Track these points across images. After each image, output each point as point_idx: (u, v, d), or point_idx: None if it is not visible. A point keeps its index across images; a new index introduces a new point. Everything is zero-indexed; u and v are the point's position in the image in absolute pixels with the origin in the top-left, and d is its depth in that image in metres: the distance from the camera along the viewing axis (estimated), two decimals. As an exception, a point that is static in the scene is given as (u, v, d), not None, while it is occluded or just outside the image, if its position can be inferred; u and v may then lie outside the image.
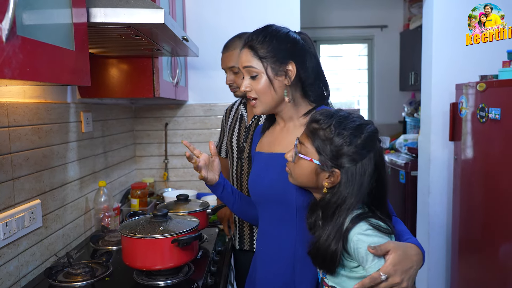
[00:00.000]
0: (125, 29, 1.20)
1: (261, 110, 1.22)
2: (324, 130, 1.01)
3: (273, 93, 1.19)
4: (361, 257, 0.95)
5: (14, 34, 0.71)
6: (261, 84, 1.18)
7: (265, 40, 1.18)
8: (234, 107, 1.93)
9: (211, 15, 2.52)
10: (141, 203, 2.15)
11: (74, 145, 1.69)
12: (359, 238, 0.95)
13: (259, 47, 1.18)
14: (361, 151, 0.99)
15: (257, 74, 1.18)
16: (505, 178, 2.02)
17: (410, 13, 4.49)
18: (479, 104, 2.21)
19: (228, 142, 1.85)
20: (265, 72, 1.17)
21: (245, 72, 1.20)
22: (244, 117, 1.81)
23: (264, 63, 1.17)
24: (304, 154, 1.03)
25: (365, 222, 0.97)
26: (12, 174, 1.27)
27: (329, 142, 1.00)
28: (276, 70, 1.17)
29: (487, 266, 2.17)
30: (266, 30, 1.20)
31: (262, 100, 1.20)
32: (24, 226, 1.31)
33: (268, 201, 1.23)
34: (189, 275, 1.34)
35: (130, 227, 1.28)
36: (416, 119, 4.09)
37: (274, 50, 1.17)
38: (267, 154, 1.27)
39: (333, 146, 0.99)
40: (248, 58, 1.18)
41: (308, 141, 1.03)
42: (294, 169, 1.07)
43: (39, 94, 1.44)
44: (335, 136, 0.99)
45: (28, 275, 1.36)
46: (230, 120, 1.89)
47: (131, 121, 2.53)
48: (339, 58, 5.27)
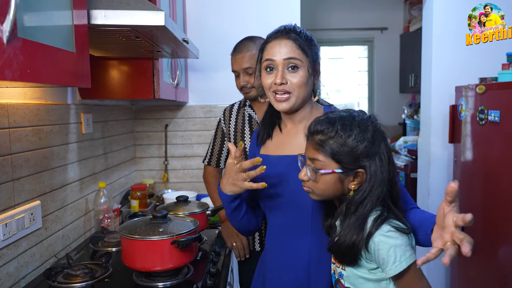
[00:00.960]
0: (126, 31, 1.20)
1: (290, 105, 1.17)
2: (334, 138, 0.99)
3: (308, 89, 1.19)
4: (381, 258, 0.94)
5: (15, 36, 0.71)
6: (301, 76, 1.16)
7: (306, 37, 1.19)
8: (233, 110, 1.86)
9: (212, 17, 2.52)
10: (141, 204, 2.15)
11: (74, 146, 1.69)
12: (380, 240, 0.94)
13: (302, 42, 1.17)
14: (374, 143, 1.00)
15: (298, 67, 1.16)
16: (505, 180, 2.02)
17: (410, 15, 4.50)
18: (478, 106, 2.22)
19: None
20: (307, 65, 1.17)
21: (284, 63, 1.16)
22: (253, 118, 1.79)
23: (308, 57, 1.17)
24: (322, 168, 1.00)
25: (386, 224, 0.96)
26: (12, 175, 1.28)
27: (343, 147, 0.99)
28: (311, 68, 1.19)
29: (487, 267, 2.17)
30: (299, 28, 1.21)
31: (297, 93, 1.16)
32: (24, 227, 1.31)
33: (280, 205, 1.21)
34: (189, 276, 1.34)
35: (129, 228, 1.29)
36: (416, 121, 4.09)
37: (312, 48, 1.19)
38: (275, 157, 1.24)
39: (348, 150, 0.99)
40: (293, 49, 1.16)
41: (321, 154, 1.01)
42: (316, 187, 1.03)
43: (39, 95, 1.45)
44: (347, 140, 0.99)
45: (28, 276, 1.36)
46: (233, 124, 1.83)
47: (131, 122, 2.53)
48: (339, 60, 5.28)
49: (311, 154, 1.02)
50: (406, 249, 0.94)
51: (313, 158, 1.02)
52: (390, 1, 4.71)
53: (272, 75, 1.17)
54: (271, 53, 1.17)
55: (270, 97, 1.20)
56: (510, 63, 2.14)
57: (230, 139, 1.84)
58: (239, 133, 1.81)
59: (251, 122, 1.79)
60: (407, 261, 0.93)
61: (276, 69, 1.16)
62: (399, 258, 0.93)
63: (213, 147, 1.90)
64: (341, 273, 1.05)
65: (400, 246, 0.94)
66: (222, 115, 1.90)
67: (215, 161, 1.90)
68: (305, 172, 1.04)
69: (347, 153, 0.99)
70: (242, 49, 1.74)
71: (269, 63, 1.18)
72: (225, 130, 1.87)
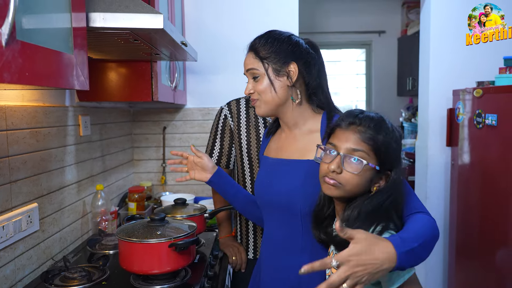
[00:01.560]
0: (124, 34, 1.20)
1: (263, 111, 1.24)
2: (382, 134, 0.97)
3: (274, 93, 1.21)
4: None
5: (13, 38, 0.71)
6: (262, 84, 1.21)
7: (266, 42, 1.22)
8: (241, 105, 1.72)
9: (210, 20, 2.53)
10: (139, 207, 2.15)
11: (72, 149, 1.69)
12: None
13: (261, 49, 1.22)
14: (401, 149, 1.02)
15: (258, 76, 1.21)
16: (502, 183, 2.03)
17: (407, 18, 4.52)
18: (476, 110, 2.22)
19: (248, 152, 1.67)
20: (266, 73, 1.20)
21: (248, 75, 1.24)
22: (268, 120, 1.71)
23: (265, 64, 1.21)
24: (364, 160, 0.96)
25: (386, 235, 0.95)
26: (10, 178, 1.27)
27: (390, 145, 0.98)
28: (277, 71, 1.20)
29: (484, 270, 2.18)
30: (268, 33, 1.25)
31: (263, 99, 1.22)
32: (21, 229, 1.30)
33: (273, 207, 1.24)
34: (186, 279, 1.33)
35: (127, 231, 1.28)
36: (413, 124, 4.10)
37: (276, 51, 1.21)
38: (273, 159, 1.28)
39: (391, 149, 0.98)
40: (251, 61, 1.23)
41: (367, 146, 0.97)
42: (350, 180, 0.97)
43: (37, 97, 1.45)
44: (393, 138, 0.99)
45: (25, 279, 1.35)
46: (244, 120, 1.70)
47: (129, 124, 2.53)
48: (337, 63, 5.29)
49: (355, 144, 0.97)
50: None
51: (356, 148, 0.97)
52: (388, 5, 4.73)
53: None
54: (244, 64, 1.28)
55: None
56: (507, 67, 2.15)
57: (242, 140, 1.69)
58: (253, 137, 1.66)
59: (266, 125, 1.67)
60: (408, 272, 0.92)
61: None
62: (399, 271, 0.91)
63: (222, 146, 1.73)
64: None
65: None
66: (227, 110, 1.71)
67: (225, 162, 1.73)
68: (339, 163, 0.98)
69: (389, 152, 0.98)
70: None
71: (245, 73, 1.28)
72: (233, 127, 1.70)
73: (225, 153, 1.72)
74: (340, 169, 0.97)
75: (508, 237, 1.98)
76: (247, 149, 1.65)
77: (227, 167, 1.75)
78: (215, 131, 1.75)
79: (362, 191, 1.00)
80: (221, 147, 1.73)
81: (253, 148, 1.66)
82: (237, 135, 1.69)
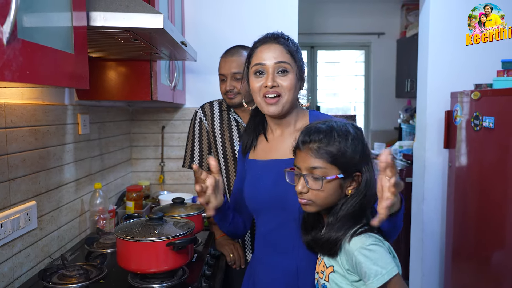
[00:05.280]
0: (124, 33, 1.20)
1: (280, 109, 1.19)
2: (333, 144, 1.01)
3: (296, 93, 1.21)
4: (363, 272, 0.95)
5: (15, 37, 0.71)
6: (291, 79, 1.18)
7: (288, 40, 1.22)
8: (214, 110, 1.79)
9: (210, 19, 2.53)
10: (137, 205, 2.15)
11: (70, 147, 1.69)
12: (361, 253, 0.95)
13: (290, 46, 1.20)
14: (364, 147, 1.04)
15: (288, 71, 1.18)
16: (498, 186, 2.04)
17: (407, 21, 4.53)
18: (473, 112, 2.23)
19: (224, 153, 1.75)
20: (295, 70, 1.19)
21: (274, 67, 1.17)
22: (240, 123, 1.77)
23: (296, 62, 1.20)
24: (325, 176, 1.01)
25: (367, 236, 0.97)
26: (8, 175, 1.27)
27: (344, 151, 1.01)
28: (299, 73, 1.22)
29: (480, 272, 2.19)
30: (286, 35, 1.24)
31: (286, 97, 1.18)
32: (19, 227, 1.31)
33: (268, 208, 1.23)
34: (184, 278, 1.34)
35: (125, 230, 1.29)
36: (411, 126, 4.11)
37: (298, 53, 1.22)
38: (263, 161, 1.27)
39: (349, 154, 1.01)
40: (282, 54, 1.18)
41: (322, 161, 1.01)
42: (319, 196, 1.02)
43: (36, 95, 1.45)
44: (346, 144, 1.01)
45: (22, 277, 1.35)
46: (218, 126, 1.78)
47: (128, 123, 2.53)
48: (336, 64, 5.30)
49: (311, 163, 1.02)
50: (388, 261, 0.95)
51: (313, 166, 1.01)
52: (387, 7, 4.74)
53: (261, 79, 1.19)
54: (260, 58, 1.19)
55: (259, 101, 1.21)
56: (505, 70, 2.16)
57: (217, 142, 1.77)
58: (227, 139, 1.75)
59: (238, 127, 1.77)
60: (389, 274, 0.93)
61: (266, 73, 1.18)
62: (380, 271, 0.93)
63: (201, 149, 1.81)
64: (325, 284, 1.06)
65: (381, 259, 0.94)
66: (201, 113, 1.80)
67: (206, 165, 1.81)
68: (303, 184, 1.03)
69: (348, 157, 1.01)
70: (234, 53, 1.72)
71: (258, 67, 1.19)
72: (208, 129, 1.79)
73: (206, 155, 1.79)
74: (306, 189, 1.03)
75: (504, 239, 1.99)
76: (222, 150, 1.72)
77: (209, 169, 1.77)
78: (193, 134, 1.81)
79: (336, 199, 1.04)
80: (200, 149, 1.80)
81: (228, 149, 1.72)
82: (212, 137, 1.77)
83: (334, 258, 1.03)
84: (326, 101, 5.25)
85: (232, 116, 1.80)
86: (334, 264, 1.03)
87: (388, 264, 0.94)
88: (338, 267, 1.02)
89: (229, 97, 1.73)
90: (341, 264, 1.01)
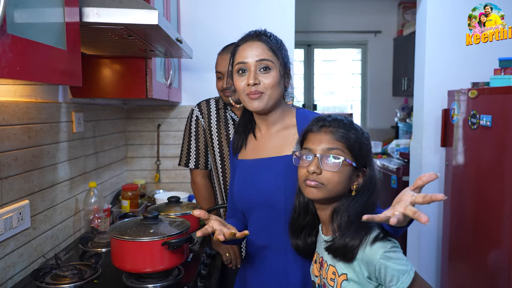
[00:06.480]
0: (118, 30, 1.19)
1: (263, 106, 1.18)
2: (353, 132, 1.01)
3: (280, 90, 1.21)
4: (390, 275, 0.92)
5: (4, 32, 0.70)
6: (273, 77, 1.18)
7: (271, 37, 1.22)
8: (211, 108, 1.79)
9: (206, 16, 2.51)
10: (132, 204, 2.13)
11: (64, 145, 1.67)
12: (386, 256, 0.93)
13: (271, 42, 1.20)
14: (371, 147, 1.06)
15: (271, 68, 1.18)
16: (495, 185, 2.03)
17: (403, 19, 4.53)
18: (470, 111, 2.23)
19: (220, 151, 1.74)
20: (278, 67, 1.19)
21: (256, 65, 1.17)
22: (236, 121, 1.76)
23: (279, 59, 1.19)
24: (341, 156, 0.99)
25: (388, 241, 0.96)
26: (0, 174, 1.25)
27: (362, 141, 1.02)
28: (283, 70, 1.21)
29: (477, 271, 2.19)
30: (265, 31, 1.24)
31: (269, 94, 1.18)
32: (12, 226, 1.29)
33: (257, 207, 1.24)
34: (179, 278, 1.33)
35: (120, 229, 1.27)
36: (408, 124, 4.11)
37: (282, 51, 1.22)
38: (252, 160, 1.27)
39: (365, 145, 1.02)
40: (264, 51, 1.18)
41: (342, 144, 1.00)
42: (331, 180, 0.99)
43: (29, 93, 1.43)
44: (363, 135, 1.03)
45: (15, 277, 1.33)
46: (214, 125, 1.78)
47: (123, 121, 2.51)
48: (333, 62, 5.29)
49: (329, 144, 1.00)
50: (407, 261, 0.95)
51: (332, 147, 1.00)
52: (384, 5, 4.74)
53: (244, 78, 1.19)
54: (242, 56, 1.19)
55: (243, 98, 1.21)
56: (502, 68, 2.16)
57: (213, 140, 1.75)
58: (224, 137, 1.74)
59: (235, 125, 1.74)
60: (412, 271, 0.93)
61: (248, 71, 1.18)
62: (407, 269, 0.93)
63: (198, 147, 1.80)
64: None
65: (403, 259, 0.94)
66: (198, 111, 1.79)
67: (203, 163, 1.81)
68: (317, 164, 0.99)
69: (362, 148, 1.01)
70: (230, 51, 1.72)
71: (241, 66, 1.20)
72: (205, 127, 1.78)
73: (202, 154, 1.80)
74: (319, 170, 0.99)
75: (501, 237, 1.99)
76: (219, 148, 1.71)
77: (206, 168, 1.82)
78: (189, 132, 1.81)
79: (343, 190, 1.02)
80: (197, 148, 1.80)
81: (224, 147, 1.72)
82: (208, 135, 1.77)
83: (348, 265, 0.99)
84: (322, 99, 5.24)
85: (228, 114, 1.79)
86: (348, 271, 0.99)
87: (409, 263, 0.95)
88: (354, 275, 0.98)
89: (226, 94, 1.72)
90: (358, 272, 0.97)
